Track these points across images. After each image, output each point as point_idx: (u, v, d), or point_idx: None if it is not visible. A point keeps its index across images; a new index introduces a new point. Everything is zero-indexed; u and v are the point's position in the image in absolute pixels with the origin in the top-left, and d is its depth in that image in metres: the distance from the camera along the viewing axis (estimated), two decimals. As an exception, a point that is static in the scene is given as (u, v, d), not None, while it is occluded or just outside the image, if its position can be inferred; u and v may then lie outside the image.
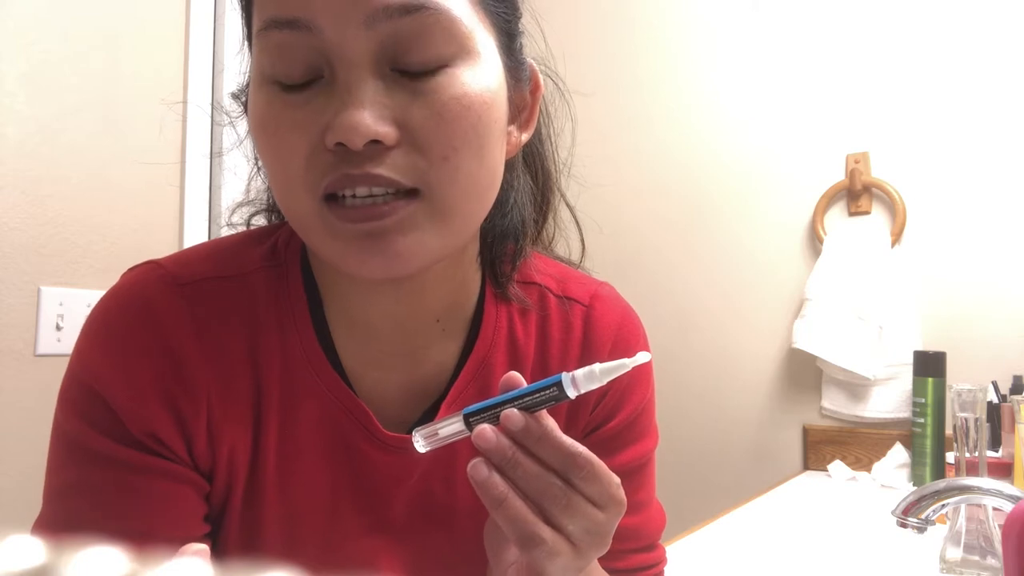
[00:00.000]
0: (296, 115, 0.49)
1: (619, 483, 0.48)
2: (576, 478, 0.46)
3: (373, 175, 0.47)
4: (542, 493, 0.46)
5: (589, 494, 0.47)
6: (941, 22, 1.63)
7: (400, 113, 0.48)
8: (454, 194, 0.50)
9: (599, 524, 0.47)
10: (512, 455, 0.46)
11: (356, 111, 0.46)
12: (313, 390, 0.57)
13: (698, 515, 1.29)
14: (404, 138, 0.48)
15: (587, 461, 0.46)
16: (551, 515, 0.46)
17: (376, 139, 0.47)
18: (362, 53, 0.48)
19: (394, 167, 0.48)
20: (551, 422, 0.47)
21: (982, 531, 0.93)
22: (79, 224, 1.34)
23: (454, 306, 0.61)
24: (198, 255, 0.59)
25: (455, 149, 0.49)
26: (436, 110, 0.48)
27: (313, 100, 0.49)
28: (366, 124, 0.46)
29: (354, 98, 0.47)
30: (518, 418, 0.46)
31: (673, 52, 1.91)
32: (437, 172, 0.49)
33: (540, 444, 0.46)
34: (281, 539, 0.57)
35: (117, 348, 0.53)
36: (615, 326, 0.64)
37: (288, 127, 0.49)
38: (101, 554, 0.14)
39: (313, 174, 0.49)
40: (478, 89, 0.50)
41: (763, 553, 1.09)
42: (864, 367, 1.60)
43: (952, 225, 1.61)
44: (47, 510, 0.54)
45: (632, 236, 1.91)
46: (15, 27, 1.26)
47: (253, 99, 0.51)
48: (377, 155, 0.48)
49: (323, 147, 0.48)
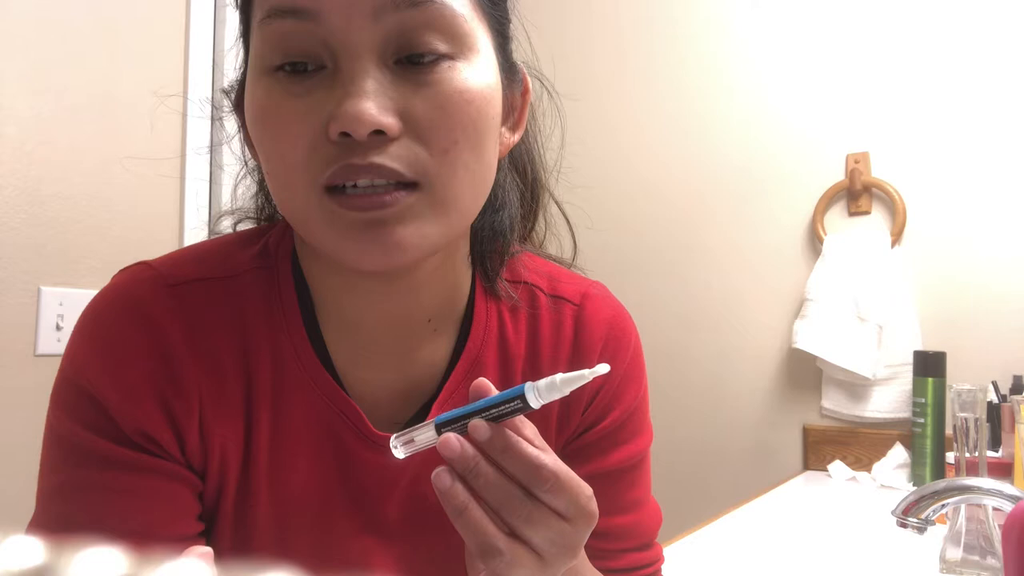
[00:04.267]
0: (297, 104, 0.49)
1: (591, 495, 0.48)
2: (539, 490, 0.45)
3: (376, 165, 0.47)
4: (503, 503, 0.46)
5: (555, 506, 0.46)
6: (941, 22, 1.63)
7: (403, 105, 0.48)
8: (453, 186, 0.50)
9: (565, 535, 0.46)
10: (475, 465, 0.45)
11: (361, 101, 0.47)
12: (304, 390, 0.57)
13: (698, 515, 1.29)
14: (406, 129, 0.48)
15: (551, 474, 0.45)
16: (513, 526, 0.46)
17: (379, 129, 0.47)
18: (367, 44, 0.48)
19: (396, 158, 0.48)
20: (530, 430, 0.47)
21: (982, 531, 0.93)
22: (79, 224, 1.34)
23: (446, 306, 0.61)
24: (189, 256, 0.59)
25: (455, 142, 0.49)
26: (439, 103, 0.49)
27: (315, 90, 0.49)
28: (371, 114, 0.46)
29: (359, 88, 0.47)
30: (484, 429, 0.45)
31: (673, 51, 1.91)
32: (438, 164, 0.49)
33: (504, 455, 0.45)
34: (273, 539, 0.57)
35: (108, 348, 0.53)
36: (606, 325, 0.64)
37: (289, 117, 0.49)
38: (100, 554, 0.14)
39: (314, 164, 0.49)
40: (478, 85, 0.51)
41: (763, 553, 1.09)
42: (864, 367, 1.60)
43: (952, 225, 1.61)
44: (41, 511, 0.54)
45: (632, 236, 1.91)
46: (15, 27, 1.26)
47: (251, 89, 0.51)
48: (380, 146, 0.48)
49: (325, 137, 0.48)
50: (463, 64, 0.50)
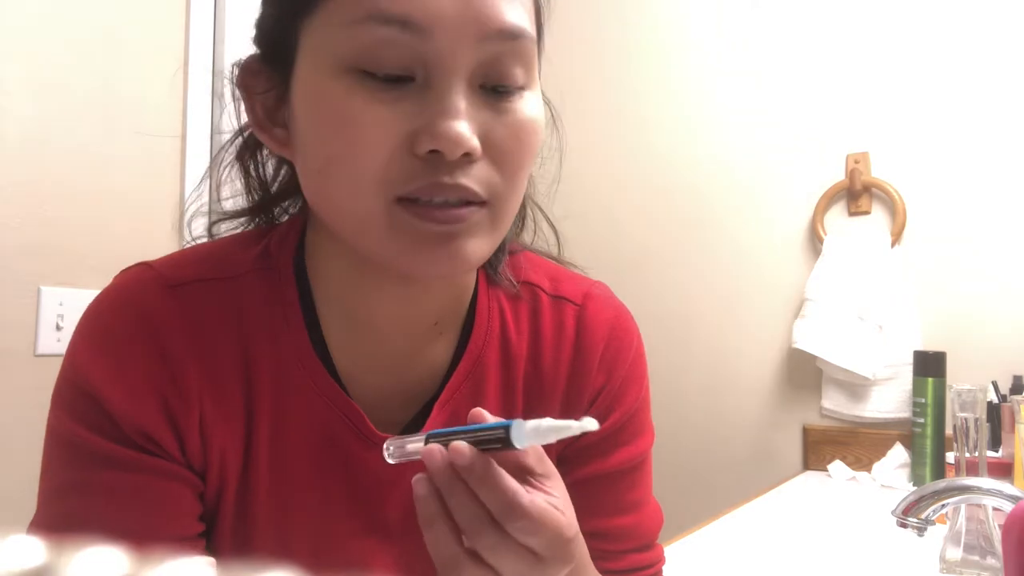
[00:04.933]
0: (383, 112, 0.48)
1: (569, 539, 0.47)
2: (510, 527, 0.45)
3: (463, 186, 0.49)
4: (470, 528, 0.45)
5: (527, 543, 0.45)
6: (941, 22, 1.63)
7: (484, 128, 0.50)
8: (512, 206, 0.54)
9: (534, 570, 0.46)
10: (450, 483, 0.45)
11: (459, 123, 0.48)
12: (305, 391, 0.57)
13: (698, 515, 1.29)
14: (484, 152, 0.50)
15: (525, 514, 0.45)
16: (478, 550, 0.46)
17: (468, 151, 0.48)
18: (465, 67, 0.49)
19: (478, 179, 0.50)
20: (533, 457, 0.47)
21: (982, 531, 0.93)
22: (79, 224, 1.34)
23: (452, 307, 0.61)
24: (190, 257, 0.59)
25: (522, 166, 0.53)
26: (514, 131, 0.51)
27: (403, 100, 0.49)
28: (467, 137, 0.48)
29: (456, 109, 0.48)
30: (464, 453, 0.45)
31: (672, 51, 1.91)
32: (506, 186, 0.52)
33: (480, 484, 0.45)
34: (274, 539, 0.57)
35: (109, 349, 0.53)
36: (608, 326, 0.64)
37: (370, 122, 0.48)
38: (100, 554, 0.14)
39: (392, 174, 0.49)
40: (541, 115, 0.54)
41: (763, 553, 1.09)
42: (864, 367, 1.60)
43: (952, 225, 1.61)
44: (42, 511, 0.54)
45: (632, 237, 1.91)
46: (15, 27, 1.26)
47: (326, 86, 0.49)
48: (465, 166, 0.49)
49: (408, 150, 0.48)
50: (531, 94, 0.53)
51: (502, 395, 0.61)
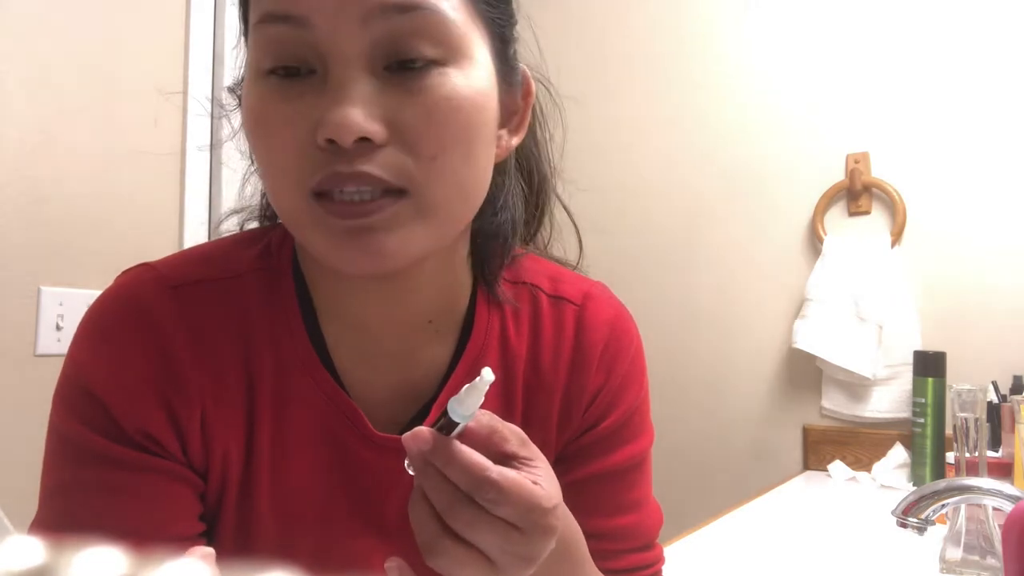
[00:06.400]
0: (287, 110, 0.49)
1: (548, 509, 0.47)
2: (481, 500, 0.45)
3: (362, 173, 0.48)
4: (446, 507, 0.45)
5: (502, 515, 0.45)
6: (941, 22, 1.63)
7: (390, 112, 0.48)
8: (440, 194, 0.50)
9: (516, 544, 0.46)
10: (424, 467, 0.46)
11: (347, 108, 0.47)
12: (305, 390, 0.57)
13: (698, 515, 1.29)
14: (393, 137, 0.48)
15: (494, 484, 0.45)
16: (456, 529, 0.46)
17: (366, 136, 0.47)
18: (356, 50, 0.48)
19: (383, 166, 0.48)
20: (516, 440, 0.47)
21: (982, 531, 0.93)
22: (79, 224, 1.34)
23: (446, 307, 0.61)
24: (191, 257, 0.59)
25: (443, 149, 0.49)
26: (426, 110, 0.49)
27: (305, 95, 0.49)
28: (356, 121, 0.47)
29: (346, 95, 0.47)
30: (425, 438, 0.45)
31: (671, 53, 1.91)
32: (424, 172, 0.49)
33: (447, 463, 0.45)
34: (275, 539, 0.57)
35: (111, 349, 0.54)
36: (607, 326, 0.64)
37: (279, 122, 0.49)
38: (101, 554, 0.14)
39: (303, 170, 0.49)
40: (468, 92, 0.50)
41: (763, 553, 1.09)
42: (864, 367, 1.60)
43: (952, 225, 1.61)
44: (43, 510, 0.54)
45: (633, 237, 1.91)
46: (15, 27, 1.26)
47: (247, 92, 0.52)
48: (367, 153, 0.48)
49: (313, 143, 0.48)
50: (454, 70, 0.50)
51: (502, 395, 0.61)
